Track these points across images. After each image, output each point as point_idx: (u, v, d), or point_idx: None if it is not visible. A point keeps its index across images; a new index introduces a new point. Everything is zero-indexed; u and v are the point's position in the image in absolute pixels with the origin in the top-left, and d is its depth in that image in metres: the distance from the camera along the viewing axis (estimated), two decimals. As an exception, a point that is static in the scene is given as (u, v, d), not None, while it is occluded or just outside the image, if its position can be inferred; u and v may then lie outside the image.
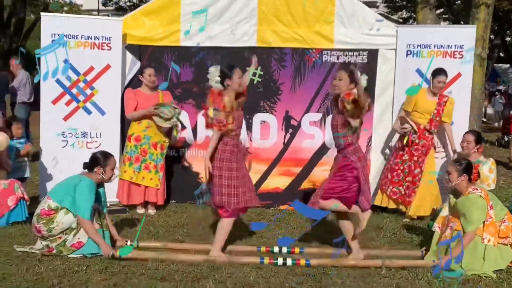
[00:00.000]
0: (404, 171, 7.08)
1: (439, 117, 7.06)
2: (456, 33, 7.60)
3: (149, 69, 7.19)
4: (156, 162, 7.12)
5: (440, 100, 7.05)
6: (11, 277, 4.64)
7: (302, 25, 7.56)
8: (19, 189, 6.41)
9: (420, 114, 7.09)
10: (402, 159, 7.09)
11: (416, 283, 4.81)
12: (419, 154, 7.03)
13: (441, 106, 7.04)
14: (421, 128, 7.03)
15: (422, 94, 7.08)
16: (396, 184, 7.11)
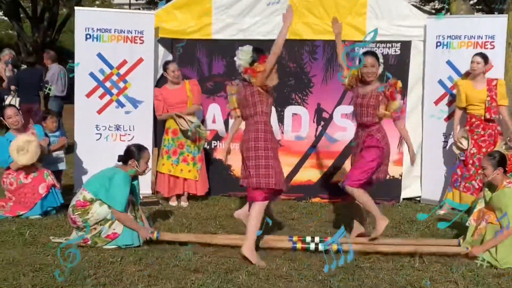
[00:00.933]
0: (475, 165, 6.92)
1: (495, 102, 6.88)
2: (487, 23, 7.48)
3: (173, 64, 7.23)
4: (194, 154, 7.16)
5: (490, 86, 6.92)
6: (47, 268, 4.71)
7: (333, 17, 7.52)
8: (49, 177, 6.48)
9: (475, 106, 6.95)
10: (471, 153, 6.97)
11: (450, 276, 4.76)
12: (487, 145, 6.89)
13: (493, 91, 6.89)
14: (482, 118, 6.93)
15: (468, 86, 6.98)
16: (468, 179, 6.97)
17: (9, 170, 6.45)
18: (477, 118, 6.94)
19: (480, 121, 6.93)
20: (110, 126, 7.49)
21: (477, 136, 6.93)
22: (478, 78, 6.94)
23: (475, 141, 6.93)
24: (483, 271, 4.90)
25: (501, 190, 5.19)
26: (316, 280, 4.62)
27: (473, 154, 6.93)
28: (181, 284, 4.43)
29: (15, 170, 6.42)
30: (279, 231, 6.13)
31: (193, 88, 7.23)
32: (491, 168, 5.24)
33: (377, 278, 4.69)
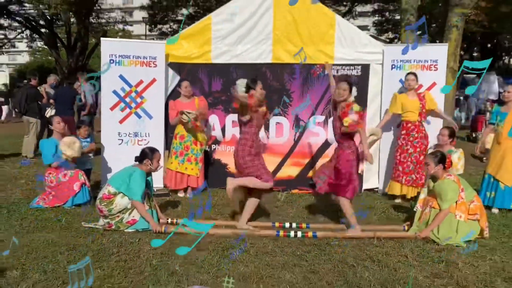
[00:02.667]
0: (413, 162, 6.95)
1: (425, 109, 6.97)
2: (432, 49, 7.50)
3: (185, 82, 7.25)
4: (197, 156, 7.16)
5: (419, 96, 7.00)
6: (80, 247, 4.71)
7: (308, 45, 7.53)
8: (82, 177, 6.47)
9: (410, 112, 6.98)
10: (408, 153, 6.96)
11: (402, 251, 4.79)
12: (420, 145, 6.93)
13: (423, 100, 6.98)
14: (416, 123, 6.97)
15: (404, 97, 7.03)
16: (408, 174, 6.96)
17: (50, 170, 6.43)
18: (412, 123, 6.97)
19: (415, 126, 6.96)
20: (130, 133, 7.46)
21: (412, 138, 6.96)
22: (411, 92, 7.02)
23: (411, 142, 6.96)
24: (428, 247, 4.93)
25: (441, 180, 5.22)
26: (295, 255, 4.63)
27: (410, 153, 6.96)
28: (187, 259, 4.43)
29: (55, 168, 6.41)
30: (265, 217, 6.12)
31: (200, 103, 7.25)
32: (433, 164, 5.27)
33: (344, 253, 4.70)
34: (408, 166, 6.95)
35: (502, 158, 6.48)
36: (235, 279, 4.02)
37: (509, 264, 4.52)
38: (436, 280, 4.10)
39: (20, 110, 10.54)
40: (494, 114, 6.76)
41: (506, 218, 6.18)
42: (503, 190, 6.45)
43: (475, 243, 5.01)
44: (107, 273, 4.11)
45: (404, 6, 11.45)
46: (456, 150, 6.39)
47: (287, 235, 5.21)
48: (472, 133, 15.79)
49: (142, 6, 31.81)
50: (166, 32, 31.25)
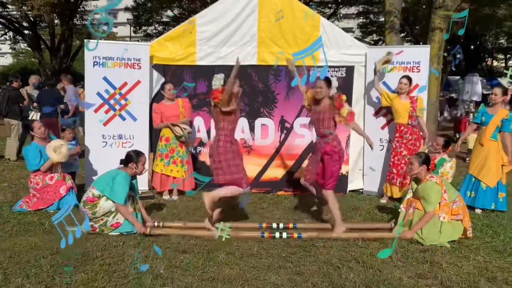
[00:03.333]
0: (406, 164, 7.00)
1: (415, 112, 6.97)
2: (414, 51, 7.53)
3: (169, 84, 7.22)
4: (182, 158, 7.12)
5: (412, 100, 7.01)
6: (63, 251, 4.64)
7: (293, 47, 7.54)
8: (69, 181, 6.43)
9: (402, 115, 7.01)
10: (402, 155, 6.99)
11: (386, 252, 4.81)
12: (414, 148, 6.97)
13: (414, 103, 6.99)
14: (409, 126, 6.99)
15: (397, 99, 7.05)
16: (401, 176, 7.00)
17: (37, 172, 6.37)
18: (405, 126, 7.00)
19: (408, 128, 7.00)
20: (114, 135, 7.40)
21: (406, 140, 7.00)
22: (404, 95, 7.03)
23: (405, 144, 6.99)
24: (412, 247, 4.96)
25: (424, 182, 5.26)
26: (280, 257, 4.63)
27: (404, 155, 6.99)
28: (172, 263, 4.40)
29: (44, 172, 6.36)
30: (251, 218, 6.12)
31: (184, 105, 7.24)
32: (417, 164, 5.31)
33: (329, 254, 4.71)
34: (402, 168, 6.98)
35: (484, 159, 6.55)
36: (220, 282, 4.01)
37: (492, 264, 4.57)
38: (420, 281, 4.13)
39: (1, 112, 10.43)
40: (479, 114, 6.80)
41: (489, 218, 6.25)
42: (484, 191, 6.53)
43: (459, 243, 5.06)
44: (91, 277, 4.07)
45: (388, 8, 11.53)
46: (450, 160, 6.42)
47: (272, 236, 5.20)
48: (456, 134, 15.96)
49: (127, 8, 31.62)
50: (151, 34, 31.13)
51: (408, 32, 26.21)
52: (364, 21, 32.74)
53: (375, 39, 33.18)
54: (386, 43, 11.81)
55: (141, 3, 29.49)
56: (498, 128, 6.54)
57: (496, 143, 6.52)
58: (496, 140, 6.52)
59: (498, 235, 5.48)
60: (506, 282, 4.12)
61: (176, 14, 28.74)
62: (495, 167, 6.51)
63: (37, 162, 6.37)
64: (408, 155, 6.93)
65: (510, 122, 6.47)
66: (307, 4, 22.74)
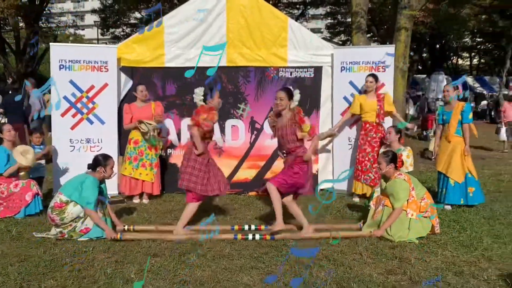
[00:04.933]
0: (370, 161, 7.07)
1: (383, 110, 7.08)
2: (379, 51, 7.65)
3: (141, 86, 7.15)
4: (151, 161, 7.06)
5: (379, 98, 7.11)
6: (31, 258, 4.57)
7: (262, 48, 7.58)
8: (35, 187, 6.30)
9: (368, 113, 7.11)
10: (366, 152, 7.09)
11: (356, 249, 4.88)
12: (378, 145, 7.06)
13: (381, 101, 7.09)
14: (374, 124, 7.09)
15: (363, 98, 7.15)
16: (366, 172, 7.09)
17: (1, 180, 6.22)
18: (370, 123, 7.11)
19: (373, 126, 7.10)
20: (82, 139, 7.29)
21: (370, 138, 7.10)
22: (371, 93, 7.12)
23: (369, 142, 7.10)
24: (381, 244, 5.03)
25: (393, 180, 5.34)
26: (252, 258, 4.63)
27: (368, 152, 7.09)
28: (143, 267, 4.36)
29: (6, 177, 6.22)
30: (223, 220, 6.11)
31: (156, 108, 7.19)
32: (385, 163, 5.38)
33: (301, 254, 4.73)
34: (366, 165, 7.07)
35: (451, 155, 6.68)
36: (192, 284, 3.99)
37: (460, 258, 4.66)
38: (390, 277, 4.19)
39: None
40: (440, 115, 6.96)
41: (456, 213, 6.38)
42: (453, 187, 6.65)
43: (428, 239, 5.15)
44: (60, 283, 4.00)
45: (355, 9, 11.64)
46: (404, 148, 6.55)
47: (245, 238, 5.20)
48: (423, 131, 16.26)
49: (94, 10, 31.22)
50: (119, 36, 30.80)
51: (375, 32, 26.58)
52: (332, 21, 33.10)
53: (343, 40, 33.55)
54: (353, 43, 11.94)
55: (108, 5, 29.14)
56: (460, 122, 6.67)
57: (461, 139, 6.65)
58: (460, 135, 6.65)
59: (465, 230, 5.59)
60: (473, 276, 4.22)
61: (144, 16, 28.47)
62: (461, 162, 6.64)
63: (3, 165, 6.22)
64: (371, 153, 7.05)
65: (468, 112, 6.62)
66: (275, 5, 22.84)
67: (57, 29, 32.03)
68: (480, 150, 13.51)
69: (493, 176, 9.31)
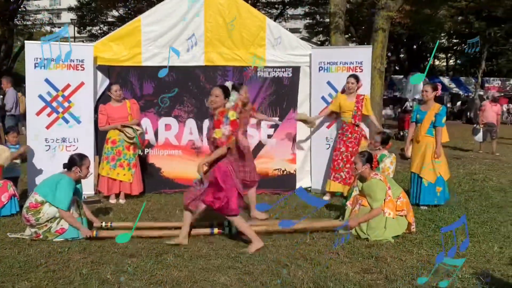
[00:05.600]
0: (343, 160, 7.12)
1: (360, 111, 7.13)
2: (357, 52, 7.73)
3: (115, 85, 7.08)
4: (129, 161, 7.00)
5: (358, 99, 7.15)
6: (5, 259, 4.50)
7: (240, 47, 7.58)
8: (11, 188, 6.20)
9: (346, 113, 7.17)
10: (340, 151, 7.15)
11: (333, 248, 4.90)
12: (353, 145, 7.11)
13: (360, 103, 7.13)
14: (350, 124, 7.13)
15: (343, 98, 7.20)
16: (337, 171, 7.16)
17: (-24, 181, 6.12)
18: (347, 124, 7.18)
19: (349, 126, 7.17)
20: (57, 139, 7.19)
21: (345, 138, 7.17)
22: (351, 94, 7.18)
23: (344, 141, 7.16)
24: (358, 243, 5.07)
25: (369, 180, 5.39)
26: (230, 257, 4.63)
27: (342, 151, 7.16)
28: (119, 267, 4.32)
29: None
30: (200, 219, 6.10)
31: (132, 106, 7.14)
32: (361, 164, 5.43)
33: (278, 253, 4.75)
34: (338, 164, 7.14)
35: (423, 156, 6.75)
36: (168, 284, 3.97)
37: (435, 257, 4.69)
38: (366, 276, 4.22)
39: None
40: (414, 113, 7.03)
41: (432, 213, 6.47)
42: (426, 187, 6.72)
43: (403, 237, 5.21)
44: (35, 284, 3.94)
45: (333, 10, 11.74)
46: (389, 155, 6.58)
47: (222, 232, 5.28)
48: (400, 131, 16.46)
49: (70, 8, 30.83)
50: (96, 34, 30.47)
51: (353, 33, 26.81)
52: (310, 22, 33.25)
53: (322, 40, 33.77)
54: (331, 43, 12.03)
55: (85, 3, 28.82)
56: (432, 124, 6.75)
57: (432, 139, 6.71)
58: (432, 135, 6.72)
59: (440, 229, 5.67)
60: (448, 275, 4.28)
61: (121, 14, 28.24)
62: (432, 163, 6.72)
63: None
64: (346, 152, 7.13)
65: (442, 116, 6.71)
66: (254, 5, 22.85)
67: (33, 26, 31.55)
68: (456, 150, 13.73)
69: (467, 175, 9.47)
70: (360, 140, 7.17)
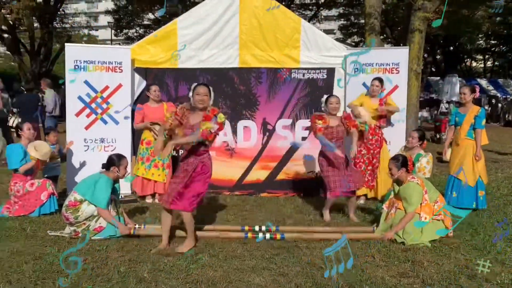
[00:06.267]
0: (365, 163, 7.08)
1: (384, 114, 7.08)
2: (393, 53, 7.65)
3: (154, 86, 7.19)
4: (163, 161, 7.09)
5: (381, 102, 7.09)
6: (45, 256, 4.62)
7: (274, 49, 7.61)
8: (50, 186, 6.36)
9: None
10: (362, 153, 7.09)
11: (369, 251, 4.87)
12: (374, 148, 7.06)
13: (383, 105, 7.06)
14: (372, 126, 7.07)
15: (367, 100, 7.14)
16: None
17: (16, 179, 6.30)
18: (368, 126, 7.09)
19: (370, 128, 7.04)
20: (96, 139, 7.36)
21: (367, 140, 7.09)
22: (375, 96, 7.12)
23: (365, 143, 7.08)
24: (394, 247, 5.01)
25: (406, 184, 5.32)
26: (264, 258, 4.64)
27: (363, 154, 7.09)
28: (155, 266, 4.39)
29: (22, 173, 6.27)
30: (233, 221, 6.14)
31: (169, 108, 7.19)
32: (396, 169, 5.37)
33: (312, 255, 4.74)
34: (360, 166, 7.08)
35: (462, 158, 6.63)
36: (204, 284, 4.02)
37: (472, 261, 4.63)
38: (402, 280, 4.18)
39: None
40: (453, 116, 6.91)
41: (469, 216, 6.33)
42: (465, 190, 6.60)
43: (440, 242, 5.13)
44: (74, 281, 4.04)
45: (368, 11, 11.64)
46: (425, 154, 6.49)
47: (255, 237, 5.22)
48: (436, 134, 16.16)
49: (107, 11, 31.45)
50: (132, 37, 31.00)
51: (388, 34, 26.48)
52: (345, 23, 33.02)
53: (356, 41, 33.47)
54: (366, 44, 11.93)
55: (122, 6, 29.35)
56: (472, 126, 6.63)
57: (472, 142, 6.60)
58: (472, 138, 6.60)
59: (477, 233, 5.56)
60: (486, 280, 4.19)
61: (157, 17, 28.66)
62: (472, 166, 6.60)
63: (19, 160, 6.26)
64: (367, 155, 7.07)
65: (482, 118, 6.57)
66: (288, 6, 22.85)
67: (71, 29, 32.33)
68: (494, 153, 13.40)
69: (506, 179, 9.23)
70: (382, 142, 7.11)
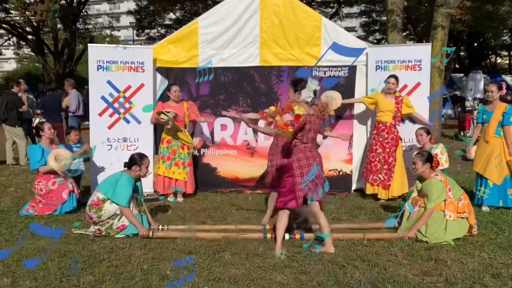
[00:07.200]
0: (380, 162, 7.06)
1: (400, 113, 7.05)
2: (415, 50, 7.58)
3: (175, 86, 7.24)
4: (184, 160, 7.15)
5: (397, 100, 7.05)
6: (70, 254, 4.69)
7: (295, 47, 7.59)
8: (71, 184, 6.47)
9: (384, 113, 7.07)
10: (377, 152, 7.07)
11: (391, 250, 4.84)
12: (390, 146, 7.02)
13: (399, 104, 7.03)
14: (387, 125, 7.04)
15: (381, 97, 7.11)
16: (375, 173, 7.08)
17: (39, 178, 6.41)
18: (383, 124, 7.07)
19: (385, 127, 7.03)
20: (119, 138, 7.45)
21: (382, 138, 7.05)
22: (391, 94, 7.07)
23: (380, 142, 7.05)
24: (417, 245, 4.97)
25: (428, 180, 5.27)
26: (286, 256, 4.64)
27: (379, 153, 7.04)
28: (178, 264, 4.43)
29: (43, 173, 6.38)
30: (256, 220, 6.15)
31: (189, 107, 7.28)
32: (421, 163, 5.31)
33: (334, 253, 4.72)
34: (376, 166, 7.05)
35: (489, 156, 6.53)
36: (226, 282, 4.04)
37: (497, 260, 4.57)
38: (425, 278, 4.14)
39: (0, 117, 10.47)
40: (480, 114, 6.81)
41: (494, 215, 6.25)
42: (491, 188, 6.51)
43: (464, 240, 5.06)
44: (98, 278, 4.10)
45: (390, 7, 11.55)
46: (436, 146, 6.49)
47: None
48: (460, 131, 15.95)
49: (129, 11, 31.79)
50: (154, 37, 31.26)
51: (411, 30, 26.20)
52: (366, 20, 32.78)
53: (378, 38, 33.21)
54: (388, 41, 11.83)
55: (143, 7, 29.61)
56: (500, 124, 6.52)
57: (500, 140, 6.50)
58: (500, 136, 6.49)
59: (503, 231, 5.48)
60: (511, 278, 4.13)
61: (178, 17, 28.85)
62: (500, 164, 6.50)
63: (36, 161, 6.38)
64: (383, 153, 7.02)
65: (510, 115, 6.46)
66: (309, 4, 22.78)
67: (94, 30, 32.73)
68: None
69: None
70: (397, 141, 7.06)
